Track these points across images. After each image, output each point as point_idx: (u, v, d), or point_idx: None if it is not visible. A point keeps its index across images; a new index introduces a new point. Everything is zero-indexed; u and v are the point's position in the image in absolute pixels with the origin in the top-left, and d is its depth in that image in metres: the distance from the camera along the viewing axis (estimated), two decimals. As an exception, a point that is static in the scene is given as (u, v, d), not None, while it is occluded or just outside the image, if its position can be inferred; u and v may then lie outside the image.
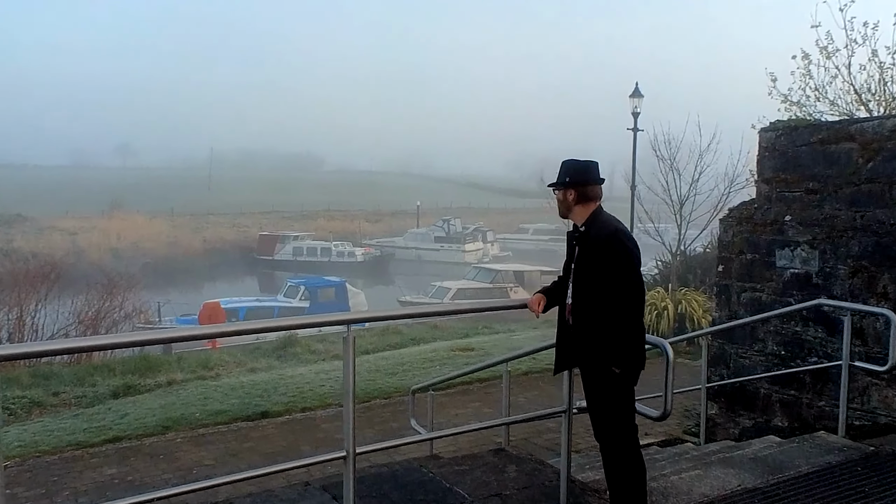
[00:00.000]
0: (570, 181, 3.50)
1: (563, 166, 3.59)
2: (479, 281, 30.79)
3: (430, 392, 6.61)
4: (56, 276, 14.42)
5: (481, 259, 52.37)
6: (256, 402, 10.28)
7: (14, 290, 13.15)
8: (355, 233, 59.57)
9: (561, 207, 3.61)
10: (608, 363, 3.35)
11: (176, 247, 49.16)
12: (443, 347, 14.36)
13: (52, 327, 14.04)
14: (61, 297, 15.66)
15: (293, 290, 26.57)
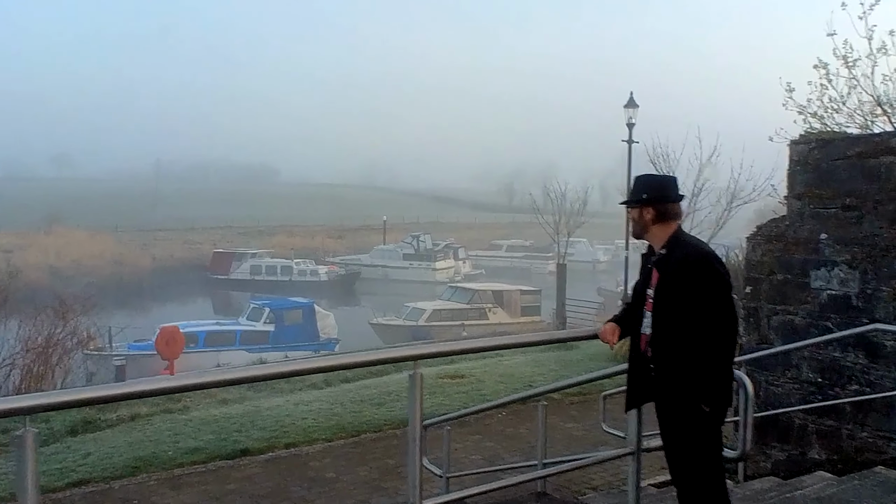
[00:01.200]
0: (647, 198, 3.36)
1: (639, 182, 3.45)
2: (456, 301, 30.65)
3: (447, 428, 6.37)
4: (3, 299, 13.83)
5: (453, 278, 52.27)
6: (234, 438, 9.90)
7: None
8: (317, 250, 59.00)
9: (636, 227, 3.45)
10: (697, 400, 3.19)
11: (122, 265, 48.05)
12: (429, 375, 14.08)
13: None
14: (1, 322, 15.04)
15: (257, 312, 26.05)
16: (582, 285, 28.56)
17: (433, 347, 3.02)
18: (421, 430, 2.94)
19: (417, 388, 2.88)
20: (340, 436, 10.14)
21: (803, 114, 8.97)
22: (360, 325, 32.41)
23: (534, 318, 29.78)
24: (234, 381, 2.83)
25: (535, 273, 56.26)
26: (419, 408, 2.86)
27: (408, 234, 62.78)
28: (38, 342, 13.56)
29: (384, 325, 29.65)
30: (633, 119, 15.58)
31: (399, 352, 3.08)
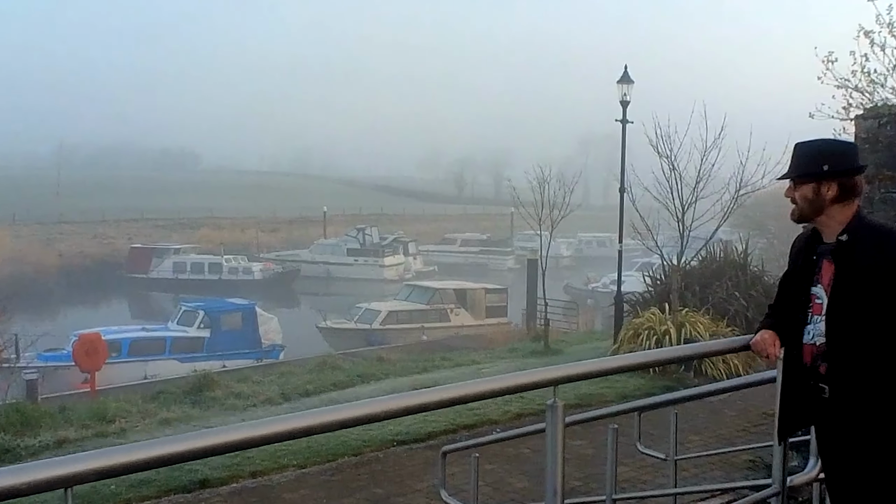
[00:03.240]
0: (830, 170, 2.86)
1: (812, 149, 2.94)
2: (413, 301, 30.14)
3: (474, 455, 5.85)
4: None
5: (403, 275, 51.79)
6: (187, 467, 9.16)
7: None
8: (249, 245, 57.63)
9: (806, 208, 2.92)
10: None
11: (22, 263, 45.83)
12: (402, 385, 13.59)
13: None
14: None
15: (189, 316, 25.00)
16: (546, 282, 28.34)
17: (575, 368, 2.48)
18: (562, 482, 2.41)
19: (559, 423, 2.35)
20: (315, 461, 9.54)
21: (844, 87, 8.75)
22: (304, 328, 31.60)
23: (500, 320, 29.46)
24: (345, 421, 2.25)
25: (493, 269, 56.17)
26: (561, 451, 2.33)
27: (350, 226, 61.93)
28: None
29: (334, 329, 28.94)
30: (627, 96, 15.31)
31: (534, 375, 2.51)
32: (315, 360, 18.10)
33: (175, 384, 15.76)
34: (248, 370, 17.71)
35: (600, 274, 43.70)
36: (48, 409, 12.38)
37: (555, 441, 2.35)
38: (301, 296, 49.24)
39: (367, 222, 62.95)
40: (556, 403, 2.39)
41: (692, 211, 14.07)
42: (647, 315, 14.77)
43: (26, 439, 10.50)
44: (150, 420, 11.84)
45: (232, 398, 13.47)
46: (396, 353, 19.61)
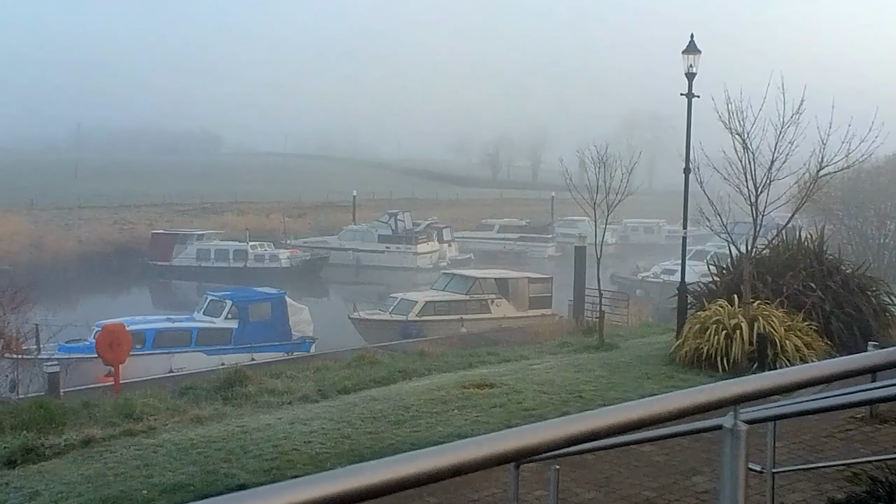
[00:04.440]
0: None
1: None
2: (452, 291, 29.75)
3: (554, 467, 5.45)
4: None
5: (437, 263, 51.48)
6: (223, 470, 8.93)
7: None
8: (274, 230, 57.62)
9: None
10: None
11: (42, 249, 46.29)
12: (449, 383, 13.23)
13: None
14: None
15: (216, 306, 24.86)
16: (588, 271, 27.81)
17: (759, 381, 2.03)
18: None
19: (741, 447, 1.93)
20: (360, 464, 9.23)
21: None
22: (333, 319, 31.42)
23: (544, 311, 28.97)
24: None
25: (532, 257, 55.66)
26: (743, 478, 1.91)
27: (380, 212, 61.69)
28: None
29: (367, 321, 28.67)
30: (693, 67, 14.72)
31: (711, 392, 2.06)
32: (352, 354, 17.83)
33: (204, 379, 15.57)
34: (280, 364, 17.49)
35: (650, 262, 43.04)
36: (72, 405, 12.24)
37: (735, 474, 1.93)
38: (329, 285, 49.17)
39: (399, 207, 62.67)
40: (737, 427, 1.96)
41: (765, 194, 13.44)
42: (714, 308, 14.25)
43: (51, 438, 10.33)
44: (180, 418, 11.62)
45: (266, 394, 13.23)
46: (436, 346, 19.26)
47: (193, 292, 44.77)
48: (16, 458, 9.58)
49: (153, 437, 10.38)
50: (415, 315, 28.01)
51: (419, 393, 12.58)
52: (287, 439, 10.02)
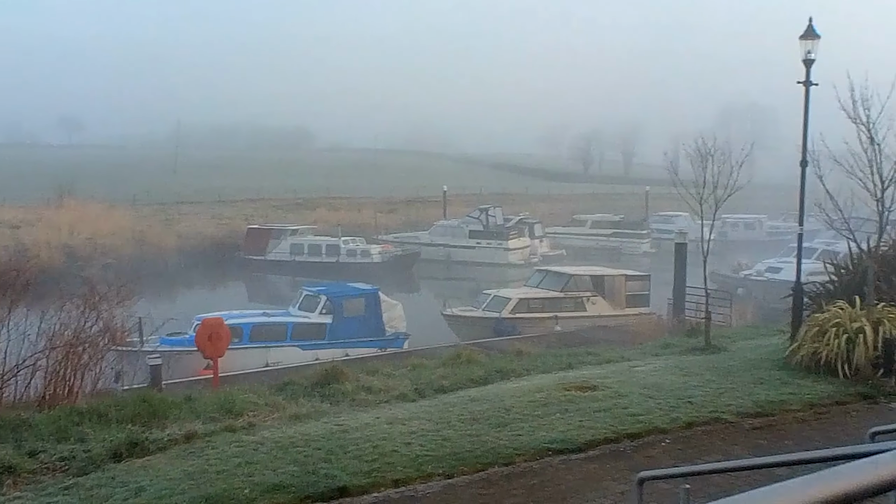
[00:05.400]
0: None
1: None
2: (546, 288, 29.27)
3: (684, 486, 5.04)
4: (24, 285, 13.04)
5: (528, 259, 50.98)
6: (324, 471, 8.82)
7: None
8: (366, 226, 58.16)
9: None
10: None
11: (144, 244, 47.95)
12: (549, 385, 12.86)
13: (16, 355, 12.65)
14: (13, 311, 14.30)
15: (311, 301, 25.10)
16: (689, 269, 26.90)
17: None
18: None
19: None
20: (462, 469, 9.01)
21: None
22: (425, 315, 31.35)
23: (641, 310, 28.19)
24: None
25: (626, 254, 54.56)
26: None
27: (470, 207, 61.54)
28: (65, 338, 12.75)
29: (460, 318, 28.50)
30: (812, 54, 13.85)
31: None
32: (447, 352, 17.63)
33: (300, 374, 15.61)
34: (375, 361, 17.42)
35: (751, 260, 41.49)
36: (174, 399, 12.38)
37: None
38: (420, 280, 49.30)
39: (489, 202, 62.38)
40: None
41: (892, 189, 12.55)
42: (833, 309, 13.42)
43: (154, 432, 10.44)
44: (279, 414, 11.62)
45: (363, 392, 13.13)
46: (532, 345, 18.88)
47: (287, 286, 45.60)
48: (121, 452, 9.70)
49: (253, 434, 10.38)
50: (508, 312, 27.67)
51: (519, 394, 12.25)
52: (386, 440, 9.86)
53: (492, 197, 75.24)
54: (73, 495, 8.39)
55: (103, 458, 9.59)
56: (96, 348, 13.27)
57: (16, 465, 9.25)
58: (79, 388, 12.85)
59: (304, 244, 49.13)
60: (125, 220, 52.34)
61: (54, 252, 42.76)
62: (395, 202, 73.23)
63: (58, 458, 9.62)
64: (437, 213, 62.69)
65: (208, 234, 53.53)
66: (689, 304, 25.71)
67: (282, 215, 61.48)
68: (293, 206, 67.84)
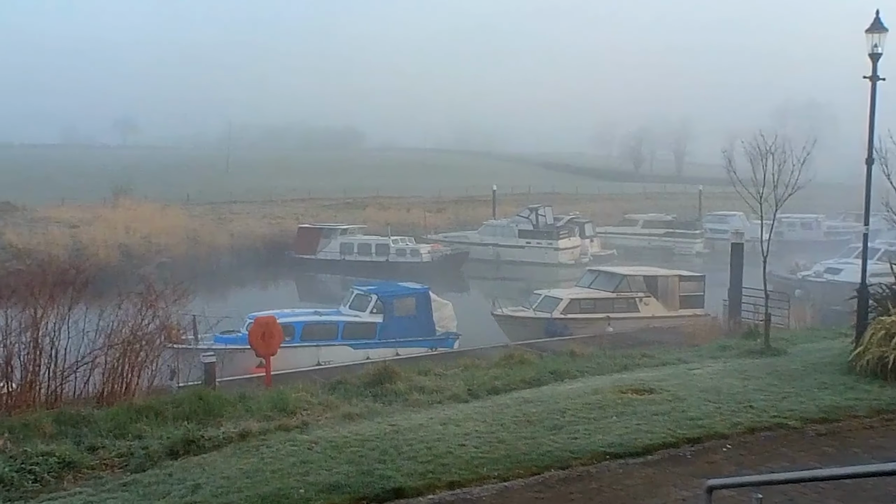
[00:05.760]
0: None
1: None
2: (598, 288, 28.93)
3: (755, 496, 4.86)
4: (83, 283, 13.28)
5: (579, 259, 50.54)
6: (379, 472, 8.79)
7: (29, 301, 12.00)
8: (416, 225, 58.27)
9: None
10: None
11: (197, 243, 48.68)
12: (605, 387, 12.67)
13: (75, 352, 12.89)
14: (73, 309, 14.58)
15: (361, 301, 25.18)
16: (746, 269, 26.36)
17: None
18: None
19: None
20: (517, 472, 8.91)
21: None
22: (475, 315, 31.21)
23: (696, 311, 27.67)
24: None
25: (679, 254, 53.75)
26: None
27: (520, 206, 61.26)
28: (123, 335, 12.94)
29: (511, 318, 28.32)
30: (879, 48, 13.41)
31: None
32: (498, 352, 17.53)
33: (352, 373, 15.63)
34: (427, 361, 17.36)
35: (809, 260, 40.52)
36: (229, 397, 12.47)
37: None
38: (469, 280, 49.20)
39: (538, 201, 62.05)
40: None
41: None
42: None
43: (210, 430, 10.52)
44: (332, 414, 11.63)
45: (415, 392, 13.08)
46: (585, 346, 18.63)
47: (337, 285, 45.88)
48: (178, 450, 9.80)
49: (307, 433, 10.40)
50: (559, 313, 27.41)
51: (574, 396, 12.10)
52: (441, 441, 9.80)
53: (541, 196, 74.88)
54: (131, 492, 8.49)
55: (160, 455, 9.70)
56: (153, 346, 13.45)
57: (76, 461, 9.41)
58: (136, 385, 13.04)
59: (353, 243, 49.41)
60: (179, 219, 53.22)
61: (111, 251, 43.69)
62: (444, 201, 73.27)
63: (116, 455, 9.77)
64: (486, 212, 62.55)
65: (260, 233, 54.15)
66: (745, 306, 25.16)
67: (332, 215, 61.91)
68: (343, 206, 68.32)
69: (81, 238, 45.84)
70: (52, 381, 12.34)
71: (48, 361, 12.28)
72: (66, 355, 12.62)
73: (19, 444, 9.79)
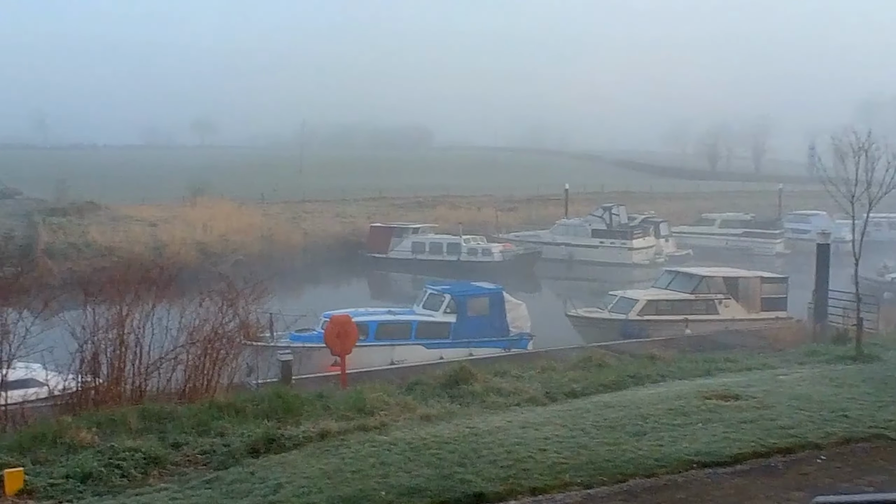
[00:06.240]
0: None
1: None
2: (675, 290, 28.30)
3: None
4: (167, 282, 13.57)
5: (653, 259, 49.66)
6: (458, 475, 8.69)
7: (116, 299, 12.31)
8: (487, 224, 58.08)
9: None
10: None
11: (272, 241, 49.49)
12: (688, 392, 12.31)
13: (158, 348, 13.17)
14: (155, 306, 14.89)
15: (435, 300, 25.17)
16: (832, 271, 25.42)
17: None
18: None
19: None
20: (601, 479, 8.69)
21: None
22: (548, 316, 30.89)
23: (778, 314, 26.84)
24: None
25: (758, 255, 52.24)
26: None
27: (592, 205, 60.52)
28: (204, 333, 13.17)
29: (585, 319, 27.94)
30: None
31: None
32: (575, 354, 17.26)
33: (427, 373, 15.59)
34: (502, 362, 17.22)
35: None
36: (307, 395, 12.56)
37: None
38: (541, 280, 48.80)
39: (611, 200, 61.18)
40: None
41: None
42: None
43: (289, 428, 10.59)
44: (409, 415, 11.58)
45: (492, 394, 12.95)
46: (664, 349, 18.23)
47: (409, 284, 46.07)
48: (259, 448, 9.88)
49: (386, 434, 10.36)
50: (635, 314, 26.91)
51: (656, 401, 11.78)
52: (520, 445, 9.64)
53: (614, 195, 73.79)
54: (215, 489, 8.58)
55: (242, 452, 9.80)
56: (233, 344, 13.64)
57: (161, 457, 9.57)
58: (216, 383, 13.25)
59: (425, 242, 49.56)
60: (254, 217, 54.20)
61: (189, 249, 44.71)
62: (515, 200, 72.86)
63: (199, 451, 9.91)
64: (557, 211, 61.96)
65: (332, 231, 54.77)
66: (831, 309, 24.30)
67: (403, 214, 62.21)
68: (414, 205, 68.57)
69: (161, 236, 47.10)
70: (137, 377, 12.64)
71: (133, 358, 12.57)
72: (150, 352, 12.89)
73: (107, 438, 10.04)
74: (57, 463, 9.26)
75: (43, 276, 31.30)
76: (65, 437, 9.88)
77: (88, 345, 12.20)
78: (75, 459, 9.24)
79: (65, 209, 53.76)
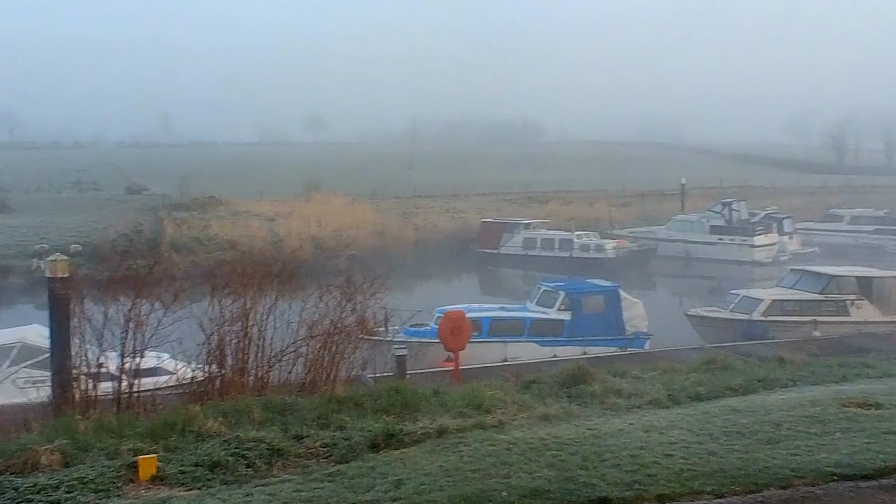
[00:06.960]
0: None
1: None
2: (802, 289, 27.01)
3: None
4: (288, 276, 13.90)
5: (776, 257, 47.73)
6: (581, 478, 8.49)
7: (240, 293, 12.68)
8: (599, 220, 57.17)
9: None
10: None
11: (385, 236, 50.20)
12: (824, 399, 11.68)
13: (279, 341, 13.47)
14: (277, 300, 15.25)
15: (549, 297, 24.89)
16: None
17: None
18: None
19: None
20: (733, 489, 8.32)
21: None
22: (665, 315, 30.09)
23: (918, 317, 25.31)
24: None
25: (892, 253, 49.44)
26: None
27: (709, 200, 58.68)
28: (324, 327, 13.39)
29: (706, 318, 27.04)
30: None
31: None
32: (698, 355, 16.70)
33: (542, 371, 15.43)
34: (619, 362, 16.88)
35: None
36: (423, 391, 12.59)
37: None
38: (656, 277, 47.67)
39: (730, 195, 59.19)
40: None
41: None
42: None
43: (407, 424, 10.64)
44: (527, 414, 11.47)
45: (612, 395, 12.70)
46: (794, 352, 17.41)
47: (520, 280, 45.88)
48: (379, 443, 9.96)
49: (504, 433, 10.26)
50: (759, 314, 25.83)
51: (788, 408, 11.23)
52: (644, 449, 9.35)
53: (733, 189, 71.42)
54: (337, 483, 8.68)
55: (362, 447, 9.90)
56: (351, 338, 13.81)
57: (284, 448, 9.78)
58: (335, 376, 13.45)
59: (536, 238, 49.21)
60: (366, 213, 55.12)
61: (304, 243, 45.92)
62: (628, 195, 71.46)
63: (321, 444, 10.06)
64: (673, 206, 60.38)
65: (443, 227, 55.08)
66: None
67: (514, 209, 61.99)
68: (525, 200, 68.25)
69: (278, 231, 48.55)
70: (260, 369, 12.96)
71: (256, 350, 12.90)
72: (272, 344, 13.21)
73: (232, 428, 10.33)
74: (186, 450, 9.56)
75: (169, 268, 32.68)
76: (193, 426, 10.21)
77: (214, 336, 12.60)
78: (204, 448, 9.53)
79: (188, 204, 56.30)
